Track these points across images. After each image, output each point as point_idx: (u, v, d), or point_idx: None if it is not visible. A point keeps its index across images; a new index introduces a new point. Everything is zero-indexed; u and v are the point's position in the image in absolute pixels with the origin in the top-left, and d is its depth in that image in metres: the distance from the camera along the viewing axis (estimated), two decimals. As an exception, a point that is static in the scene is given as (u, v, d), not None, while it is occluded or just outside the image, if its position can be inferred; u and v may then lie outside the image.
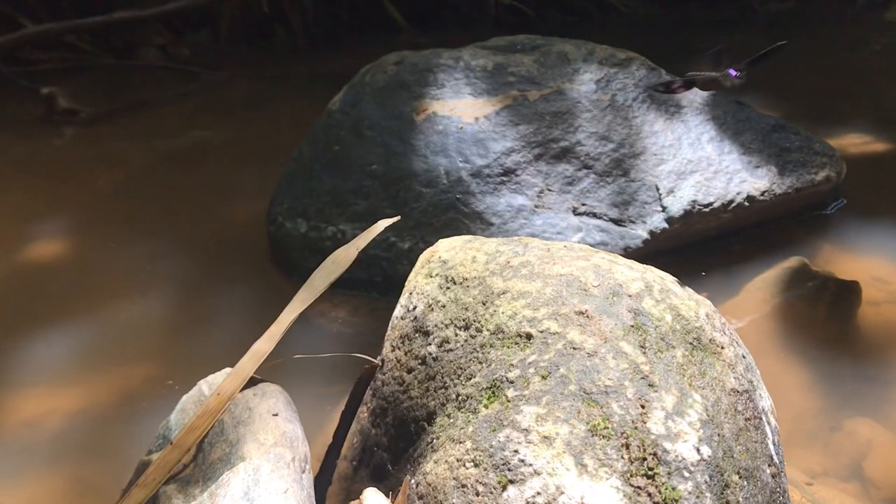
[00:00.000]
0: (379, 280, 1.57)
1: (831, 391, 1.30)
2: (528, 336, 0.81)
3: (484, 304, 0.88)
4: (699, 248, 1.69)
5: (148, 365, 1.45)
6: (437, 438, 0.82)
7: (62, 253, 1.92)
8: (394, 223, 1.13)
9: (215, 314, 1.61)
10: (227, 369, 1.04)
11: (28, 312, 1.64)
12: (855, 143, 2.35)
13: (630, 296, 0.84)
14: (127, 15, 3.72)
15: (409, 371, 0.93)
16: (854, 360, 1.38)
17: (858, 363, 1.37)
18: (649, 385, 0.75)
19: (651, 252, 1.59)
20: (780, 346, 1.42)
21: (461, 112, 1.62)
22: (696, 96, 1.83)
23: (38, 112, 3.05)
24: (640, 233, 1.58)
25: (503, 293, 0.88)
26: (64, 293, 1.72)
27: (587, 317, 0.81)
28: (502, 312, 0.85)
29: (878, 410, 1.25)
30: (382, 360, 1.01)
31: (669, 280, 0.89)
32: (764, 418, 0.84)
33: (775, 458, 0.83)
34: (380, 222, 1.09)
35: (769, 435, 0.83)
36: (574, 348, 0.78)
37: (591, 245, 1.54)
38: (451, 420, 0.81)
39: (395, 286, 1.52)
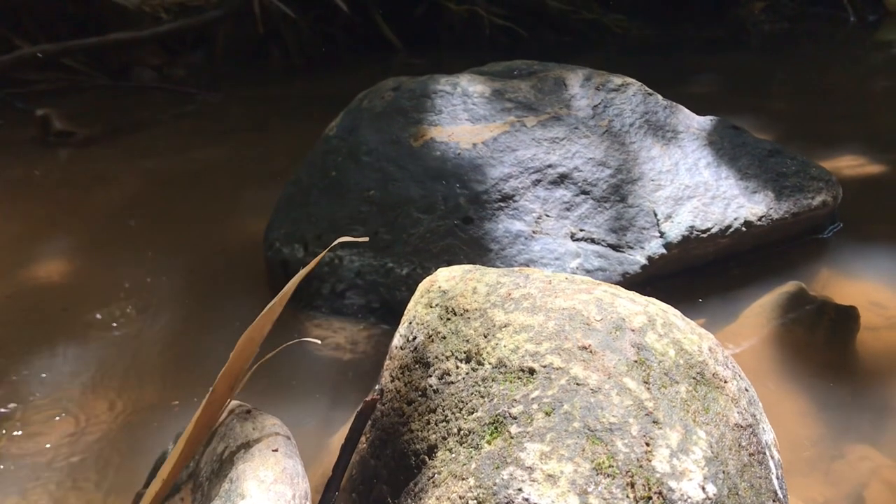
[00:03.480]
0: (376, 306, 1.57)
1: (831, 418, 1.29)
2: (531, 371, 0.81)
3: (485, 337, 0.88)
4: (697, 273, 1.69)
5: (145, 390, 1.44)
6: (439, 473, 0.81)
7: (57, 275, 1.91)
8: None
9: (212, 339, 1.60)
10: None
11: (26, 335, 1.63)
12: (850, 164, 2.36)
13: (633, 330, 0.83)
14: (122, 36, 3.72)
15: (410, 403, 0.92)
16: (853, 386, 1.37)
17: (858, 389, 1.36)
18: (654, 422, 0.75)
19: (649, 277, 1.59)
20: (779, 372, 1.41)
21: (459, 138, 1.63)
22: (692, 121, 1.83)
23: (33, 134, 3.04)
24: (638, 258, 1.57)
25: (505, 326, 0.87)
26: (60, 315, 1.71)
27: (590, 352, 0.81)
28: (504, 346, 0.85)
29: (878, 438, 1.24)
30: (381, 391, 1.00)
31: (672, 313, 0.89)
32: (767, 452, 0.84)
33: (779, 492, 0.82)
34: (340, 239, 1.06)
35: (773, 469, 0.83)
36: (578, 384, 0.78)
37: (590, 271, 1.53)
38: (453, 455, 0.81)
39: (392, 312, 1.52)
